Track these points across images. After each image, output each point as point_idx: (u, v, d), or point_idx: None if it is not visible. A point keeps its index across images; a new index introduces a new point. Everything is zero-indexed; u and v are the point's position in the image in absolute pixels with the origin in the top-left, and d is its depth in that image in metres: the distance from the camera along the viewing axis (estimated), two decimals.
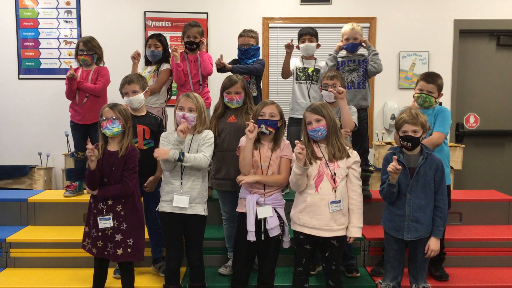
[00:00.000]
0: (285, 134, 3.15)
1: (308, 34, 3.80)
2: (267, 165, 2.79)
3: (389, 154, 2.81)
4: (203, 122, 2.84)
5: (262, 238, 2.72)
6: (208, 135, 2.86)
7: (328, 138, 2.69)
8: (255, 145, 2.80)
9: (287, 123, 3.88)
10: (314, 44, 3.81)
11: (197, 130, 2.84)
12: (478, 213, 3.73)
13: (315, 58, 3.88)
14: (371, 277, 3.16)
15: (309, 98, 3.79)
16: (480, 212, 3.73)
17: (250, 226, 2.70)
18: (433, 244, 2.68)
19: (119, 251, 2.72)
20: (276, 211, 2.77)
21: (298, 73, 3.85)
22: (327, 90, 3.16)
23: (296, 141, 2.57)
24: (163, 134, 2.91)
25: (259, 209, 2.72)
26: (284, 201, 2.86)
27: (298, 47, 3.86)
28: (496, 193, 4.02)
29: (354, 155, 2.72)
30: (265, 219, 2.72)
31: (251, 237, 2.70)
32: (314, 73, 3.82)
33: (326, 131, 2.66)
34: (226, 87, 3.09)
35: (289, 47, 3.74)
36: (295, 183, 2.68)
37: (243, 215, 2.76)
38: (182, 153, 2.71)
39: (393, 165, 2.60)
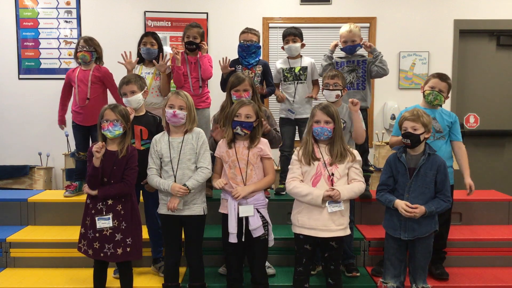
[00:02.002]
0: (275, 126, 3.16)
1: (292, 35, 3.82)
2: (245, 164, 2.76)
3: (392, 155, 2.82)
4: (192, 120, 2.83)
5: (243, 240, 2.71)
6: (200, 138, 2.84)
7: (331, 140, 2.69)
8: (229, 144, 2.79)
9: (279, 123, 3.91)
10: (298, 44, 3.81)
11: (187, 129, 2.83)
12: (478, 213, 3.73)
13: (301, 56, 3.89)
14: (371, 277, 3.16)
15: (294, 96, 3.81)
16: (480, 212, 3.73)
17: (232, 228, 2.69)
18: (419, 209, 2.64)
19: (119, 251, 2.72)
20: (258, 211, 2.76)
21: (285, 74, 3.86)
22: (328, 89, 3.15)
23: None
24: (154, 138, 2.89)
25: (241, 207, 2.71)
26: (267, 200, 2.85)
27: (283, 48, 3.88)
28: (496, 193, 4.02)
29: (356, 154, 2.72)
30: (247, 220, 2.71)
31: (233, 239, 2.69)
32: (301, 71, 3.83)
33: (332, 134, 2.66)
34: (234, 85, 3.07)
35: None
36: (299, 197, 2.70)
37: (227, 216, 2.75)
38: (186, 186, 2.73)
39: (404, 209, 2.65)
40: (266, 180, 2.81)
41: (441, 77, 3.08)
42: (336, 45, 3.72)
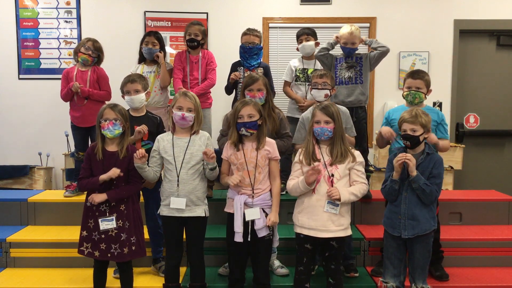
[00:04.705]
0: (287, 131, 3.14)
1: (304, 34, 3.84)
2: (254, 166, 2.75)
3: (393, 155, 2.82)
4: (200, 122, 2.84)
5: (249, 239, 2.71)
6: (209, 145, 2.85)
7: (332, 140, 2.70)
8: (237, 146, 2.78)
9: None
10: (311, 43, 3.81)
11: (194, 131, 2.83)
12: (478, 213, 3.73)
13: (315, 58, 3.87)
14: (371, 277, 3.16)
15: (306, 98, 3.81)
16: (480, 212, 3.73)
17: (237, 227, 2.69)
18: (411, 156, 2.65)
19: (125, 250, 2.73)
20: (264, 211, 2.76)
21: (298, 74, 3.87)
22: (317, 88, 3.13)
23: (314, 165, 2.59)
24: (158, 137, 2.88)
25: (247, 211, 2.71)
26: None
27: (298, 49, 3.88)
28: (496, 193, 4.02)
29: (356, 155, 2.72)
30: (253, 220, 2.71)
31: (238, 238, 2.69)
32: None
33: (332, 133, 2.67)
34: (247, 84, 3.04)
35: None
36: (294, 192, 2.73)
37: (232, 216, 2.75)
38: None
39: (401, 156, 2.65)
40: (278, 192, 2.81)
41: (413, 75, 3.09)
42: (338, 38, 3.66)
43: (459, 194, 4.13)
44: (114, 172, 2.68)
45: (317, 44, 3.85)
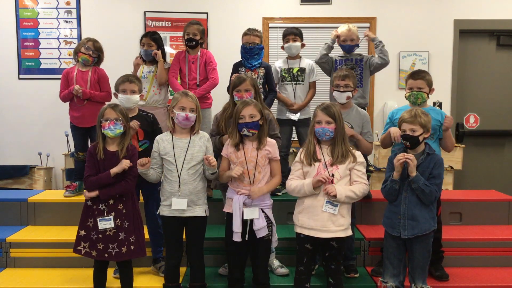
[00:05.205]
0: (276, 132, 3.14)
1: (292, 34, 3.84)
2: (254, 166, 2.75)
3: (393, 155, 2.82)
4: (200, 121, 2.85)
5: (246, 239, 2.71)
6: (209, 147, 2.86)
7: (333, 141, 2.70)
8: (238, 146, 2.78)
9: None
10: (298, 44, 3.82)
11: (195, 131, 2.83)
12: (478, 213, 3.72)
13: (300, 57, 3.89)
14: (371, 277, 3.16)
15: (295, 98, 3.81)
16: (480, 212, 3.73)
17: (236, 227, 2.69)
18: (412, 156, 2.65)
19: (124, 249, 2.72)
20: (263, 212, 2.76)
21: (283, 74, 3.88)
22: (339, 91, 3.12)
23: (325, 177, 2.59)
24: (157, 138, 2.88)
25: (245, 210, 2.71)
26: (272, 201, 2.85)
27: (283, 48, 3.88)
28: (496, 193, 4.02)
29: (357, 156, 2.72)
30: (252, 220, 2.71)
31: (237, 238, 2.70)
32: (299, 72, 3.84)
33: (333, 134, 2.67)
34: (235, 85, 3.05)
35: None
36: (296, 193, 2.72)
37: (231, 215, 2.75)
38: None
39: (402, 155, 2.65)
40: (275, 182, 2.81)
41: (413, 76, 3.09)
42: (337, 36, 3.68)
43: (459, 194, 4.13)
44: (126, 163, 2.70)
45: (302, 45, 3.86)
